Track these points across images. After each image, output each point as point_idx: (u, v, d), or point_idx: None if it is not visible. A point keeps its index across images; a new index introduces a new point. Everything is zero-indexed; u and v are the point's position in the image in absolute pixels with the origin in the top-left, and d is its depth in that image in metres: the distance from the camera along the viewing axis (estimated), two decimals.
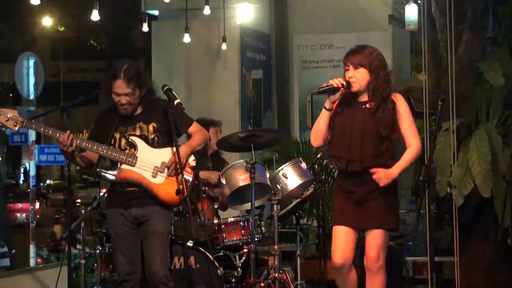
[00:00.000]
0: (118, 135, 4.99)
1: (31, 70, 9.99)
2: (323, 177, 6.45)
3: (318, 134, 4.88)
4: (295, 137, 8.48)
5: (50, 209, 28.59)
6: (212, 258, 5.50)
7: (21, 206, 22.05)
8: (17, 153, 36.63)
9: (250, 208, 5.42)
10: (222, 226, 5.77)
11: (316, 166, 5.72)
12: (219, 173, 5.70)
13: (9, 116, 4.80)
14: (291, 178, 5.62)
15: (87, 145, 4.90)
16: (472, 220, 6.72)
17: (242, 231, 5.78)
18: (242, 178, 5.48)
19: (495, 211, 6.29)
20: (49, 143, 14.57)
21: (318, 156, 5.82)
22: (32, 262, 9.37)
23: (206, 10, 8.38)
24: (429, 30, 6.54)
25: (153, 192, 4.92)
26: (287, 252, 6.88)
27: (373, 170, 4.68)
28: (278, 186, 5.57)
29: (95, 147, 4.89)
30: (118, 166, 4.94)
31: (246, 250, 5.75)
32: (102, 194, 5.99)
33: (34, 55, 10.38)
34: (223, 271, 5.57)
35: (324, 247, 5.69)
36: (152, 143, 4.98)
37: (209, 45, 9.19)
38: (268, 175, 5.58)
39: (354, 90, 4.80)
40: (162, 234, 4.95)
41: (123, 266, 4.98)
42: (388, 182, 4.68)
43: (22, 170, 37.74)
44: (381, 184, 4.67)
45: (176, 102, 4.87)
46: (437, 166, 6.27)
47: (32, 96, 10.05)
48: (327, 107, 4.84)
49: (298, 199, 5.99)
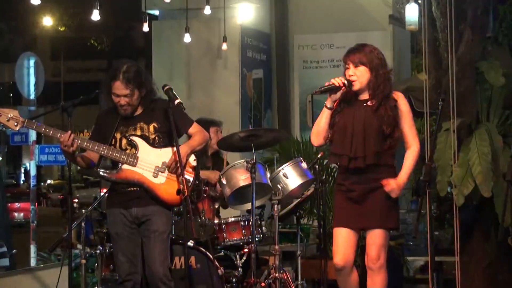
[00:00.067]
0: (118, 135, 4.98)
1: (32, 70, 9.98)
2: (324, 177, 6.44)
3: (319, 133, 4.88)
4: (296, 136, 8.46)
5: (51, 208, 28.66)
6: (212, 258, 5.50)
7: (18, 205, 22.04)
8: (17, 153, 36.67)
9: (250, 208, 5.41)
10: (223, 226, 5.77)
11: (316, 166, 5.72)
12: (220, 173, 5.70)
13: (10, 116, 4.79)
14: (292, 178, 5.61)
15: (88, 145, 4.89)
16: (472, 220, 6.72)
17: (243, 231, 5.78)
18: (242, 178, 5.47)
19: (496, 211, 6.28)
20: (49, 143, 14.59)
21: (319, 155, 5.82)
22: (33, 262, 9.36)
23: (207, 10, 8.37)
24: (429, 30, 6.54)
25: (154, 192, 4.92)
26: (288, 252, 6.87)
27: (384, 182, 4.71)
28: (278, 186, 5.57)
29: (96, 147, 4.88)
30: (119, 166, 4.94)
31: (246, 250, 5.75)
32: (102, 194, 5.98)
33: (34, 55, 10.38)
34: (224, 271, 5.58)
35: (324, 247, 5.69)
36: (153, 143, 4.97)
37: (209, 45, 9.18)
38: (268, 175, 5.58)
39: (355, 89, 4.80)
40: (162, 234, 4.94)
41: (124, 266, 4.97)
42: (400, 193, 4.72)
43: (22, 170, 37.77)
44: (393, 195, 4.73)
45: (176, 102, 4.87)
46: (437, 166, 6.27)
47: (32, 96, 10.04)
48: (328, 106, 4.84)
49: (299, 199, 5.99)
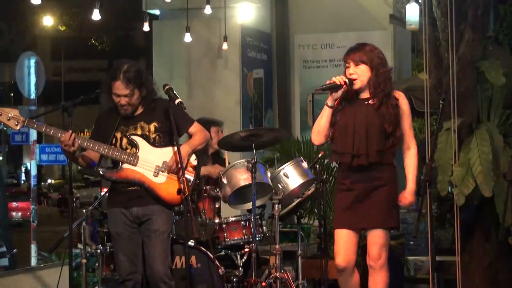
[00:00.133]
0: (119, 135, 4.98)
1: (32, 70, 9.97)
2: (324, 176, 6.44)
3: (320, 131, 4.88)
4: (296, 136, 8.45)
5: (51, 208, 28.67)
6: (213, 258, 5.50)
7: (16, 205, 22.03)
8: (18, 152, 36.71)
9: (251, 207, 5.41)
10: (223, 226, 5.77)
11: (317, 166, 5.72)
12: (220, 168, 5.69)
13: (10, 115, 4.79)
14: (292, 177, 5.61)
15: (89, 144, 4.89)
16: (473, 219, 6.72)
17: (243, 231, 5.77)
18: (243, 178, 5.47)
19: (496, 211, 6.28)
20: (50, 143, 14.57)
21: (320, 155, 5.82)
22: (33, 261, 9.36)
23: (207, 10, 8.36)
24: (430, 30, 6.54)
25: (154, 191, 4.92)
26: (288, 251, 6.87)
27: (401, 200, 4.79)
28: (279, 185, 5.56)
29: (97, 147, 4.88)
30: (120, 166, 4.94)
31: (247, 250, 5.75)
32: (103, 193, 5.98)
33: (35, 55, 10.37)
34: (224, 271, 5.57)
35: (325, 247, 5.69)
36: (153, 143, 4.97)
37: (210, 44, 9.17)
38: (269, 175, 5.58)
39: (356, 87, 4.80)
40: (163, 234, 4.94)
41: (124, 265, 4.97)
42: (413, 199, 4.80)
43: (23, 170, 37.80)
44: (409, 205, 4.84)
45: (177, 101, 4.87)
46: (438, 166, 6.27)
47: (33, 95, 10.04)
48: (329, 104, 4.84)
49: (299, 199, 5.99)
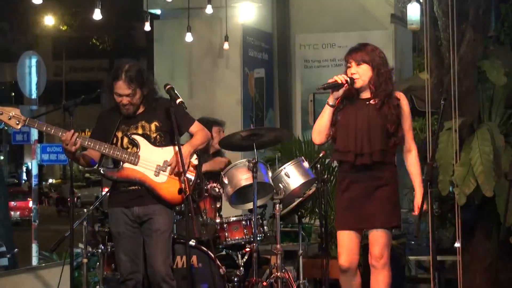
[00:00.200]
0: (120, 134, 4.98)
1: (33, 69, 9.97)
2: (326, 176, 6.43)
3: (321, 130, 4.87)
4: (297, 136, 8.46)
5: (52, 208, 28.69)
6: (214, 257, 5.50)
7: (15, 204, 22.03)
8: (19, 152, 36.74)
9: (252, 207, 5.41)
10: (225, 225, 5.77)
11: (318, 165, 5.72)
12: (220, 159, 5.68)
13: (11, 114, 4.78)
14: (293, 177, 5.61)
15: (90, 143, 4.89)
16: (474, 219, 6.72)
17: (245, 230, 5.77)
18: (244, 178, 5.47)
19: (498, 210, 6.28)
20: (51, 142, 14.59)
21: (321, 155, 5.82)
22: (34, 261, 9.37)
23: (208, 9, 8.36)
24: (431, 29, 6.53)
25: (155, 191, 4.92)
26: (290, 251, 6.87)
27: (415, 209, 4.74)
28: (280, 185, 5.56)
29: (98, 146, 4.88)
30: (121, 165, 4.94)
31: (248, 249, 5.75)
32: (104, 193, 5.98)
33: (36, 54, 10.37)
34: (225, 270, 5.57)
35: (326, 246, 5.70)
36: (154, 142, 4.97)
37: (211, 44, 9.18)
38: (270, 174, 5.58)
39: (357, 86, 4.80)
40: (164, 233, 4.94)
41: (126, 265, 4.97)
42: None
43: (24, 169, 37.82)
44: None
45: (178, 101, 4.86)
46: (439, 165, 6.26)
47: (34, 95, 10.04)
48: (331, 103, 4.83)
49: (301, 198, 5.99)
